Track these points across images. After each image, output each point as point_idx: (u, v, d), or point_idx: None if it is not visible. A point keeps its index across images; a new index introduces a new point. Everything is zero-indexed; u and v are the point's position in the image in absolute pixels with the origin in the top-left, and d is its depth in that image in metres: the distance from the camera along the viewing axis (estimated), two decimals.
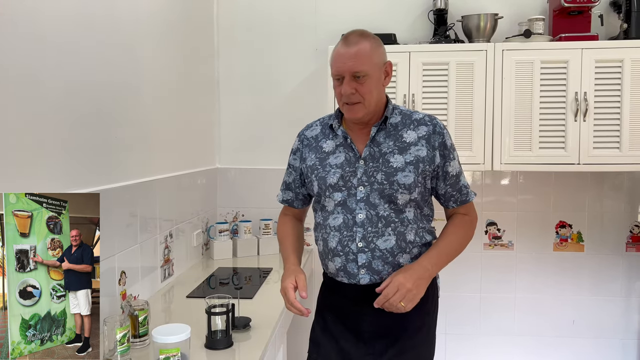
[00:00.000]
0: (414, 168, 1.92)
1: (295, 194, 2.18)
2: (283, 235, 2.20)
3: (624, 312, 3.58)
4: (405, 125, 1.98)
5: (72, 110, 1.95)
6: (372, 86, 1.89)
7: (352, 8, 3.58)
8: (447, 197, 2.03)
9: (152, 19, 2.66)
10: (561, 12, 3.18)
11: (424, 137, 1.95)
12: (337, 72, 1.89)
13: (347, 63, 1.85)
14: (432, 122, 1.99)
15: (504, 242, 3.61)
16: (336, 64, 1.89)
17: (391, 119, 1.99)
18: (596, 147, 3.06)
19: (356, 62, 1.85)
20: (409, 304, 1.83)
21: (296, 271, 2.00)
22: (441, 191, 2.02)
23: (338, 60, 1.88)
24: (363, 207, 1.93)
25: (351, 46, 1.86)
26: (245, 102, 3.70)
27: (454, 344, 3.66)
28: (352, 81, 1.87)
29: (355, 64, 1.85)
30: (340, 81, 1.90)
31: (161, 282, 2.73)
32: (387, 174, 1.91)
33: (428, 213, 2.04)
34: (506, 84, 3.09)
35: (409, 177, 1.90)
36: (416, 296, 1.85)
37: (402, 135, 1.96)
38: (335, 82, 1.92)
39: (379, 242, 1.92)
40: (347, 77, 1.87)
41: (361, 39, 1.88)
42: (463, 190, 2.03)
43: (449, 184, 1.99)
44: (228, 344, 2.01)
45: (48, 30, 1.81)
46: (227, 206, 3.73)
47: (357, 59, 1.85)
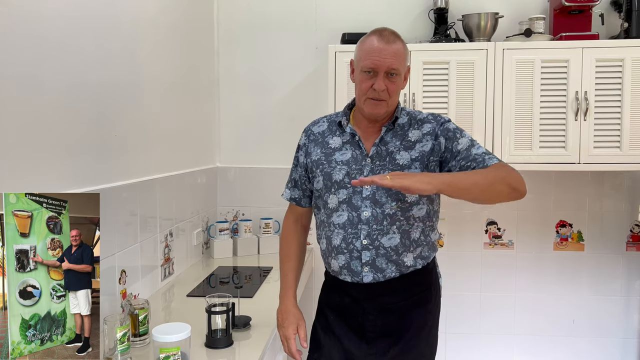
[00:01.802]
0: (419, 164, 1.91)
1: (302, 191, 2.15)
2: (287, 255, 2.18)
3: (624, 311, 3.58)
4: (410, 126, 1.98)
5: (72, 110, 1.95)
6: (399, 86, 1.91)
7: (353, 6, 3.58)
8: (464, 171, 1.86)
9: (152, 18, 2.66)
10: (562, 11, 3.18)
11: (428, 133, 1.95)
12: (375, 66, 1.85)
13: (387, 59, 1.84)
14: (435, 119, 1.99)
15: (504, 242, 3.61)
16: (373, 58, 1.85)
17: (400, 119, 1.99)
18: (596, 147, 3.06)
19: (394, 59, 1.85)
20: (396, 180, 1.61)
21: (297, 316, 2.07)
22: (456, 169, 1.87)
23: (376, 54, 1.85)
24: (369, 204, 1.92)
25: (390, 44, 1.85)
26: (246, 101, 3.70)
27: (454, 343, 3.67)
28: (385, 78, 1.86)
29: (394, 62, 1.85)
30: (371, 75, 1.87)
31: (161, 281, 2.73)
32: (393, 171, 1.89)
33: (437, 209, 2.03)
34: (507, 83, 3.09)
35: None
36: (405, 178, 1.63)
37: (407, 134, 1.97)
38: (363, 74, 1.89)
39: (384, 239, 1.92)
40: (382, 73, 1.85)
41: (397, 38, 1.88)
42: (478, 158, 1.84)
43: (461, 158, 1.87)
44: (228, 343, 2.01)
45: (48, 29, 1.81)
46: (227, 205, 3.73)
47: (395, 57, 1.85)
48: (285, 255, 2.18)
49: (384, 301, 1.98)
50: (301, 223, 2.22)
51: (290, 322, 2.05)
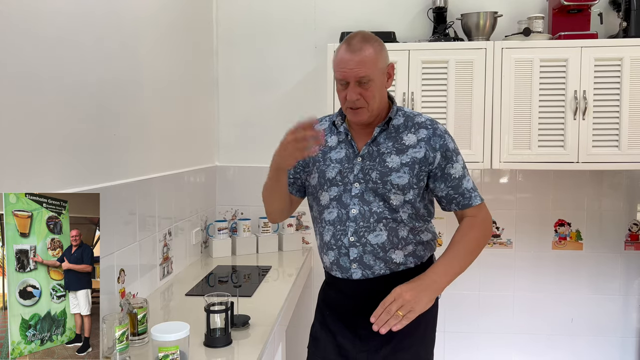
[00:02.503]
0: (409, 169, 1.92)
1: (294, 179, 2.15)
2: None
3: (623, 310, 3.59)
4: (406, 128, 1.98)
5: (71, 109, 1.95)
6: (375, 91, 1.89)
7: (351, 6, 3.58)
8: (448, 200, 1.98)
9: (151, 18, 2.66)
10: (560, 10, 3.18)
11: (423, 139, 1.95)
12: (342, 77, 1.87)
13: (353, 69, 1.84)
14: (432, 125, 1.99)
15: (502, 241, 3.61)
16: (341, 70, 1.87)
17: (394, 120, 1.99)
18: (595, 146, 3.07)
19: (361, 68, 1.84)
20: (408, 314, 1.77)
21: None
22: (442, 193, 1.97)
23: (342, 66, 1.87)
24: (357, 202, 1.94)
25: (356, 52, 1.85)
26: (245, 100, 3.70)
27: (452, 342, 3.67)
28: (356, 87, 1.86)
29: (360, 70, 1.84)
30: (345, 86, 1.89)
31: (160, 280, 2.73)
32: (381, 173, 1.92)
33: (424, 214, 2.01)
34: (505, 82, 3.09)
35: (403, 178, 1.91)
36: (415, 306, 1.78)
37: (402, 137, 1.97)
38: (339, 85, 1.92)
39: (370, 237, 1.94)
40: (352, 83, 1.86)
41: (365, 44, 1.86)
42: (466, 194, 1.96)
43: (450, 186, 1.95)
44: (227, 342, 2.01)
45: (47, 28, 1.81)
46: (226, 204, 3.73)
47: (361, 66, 1.84)
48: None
49: (375, 298, 1.97)
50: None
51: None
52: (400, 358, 1.99)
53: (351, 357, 2.02)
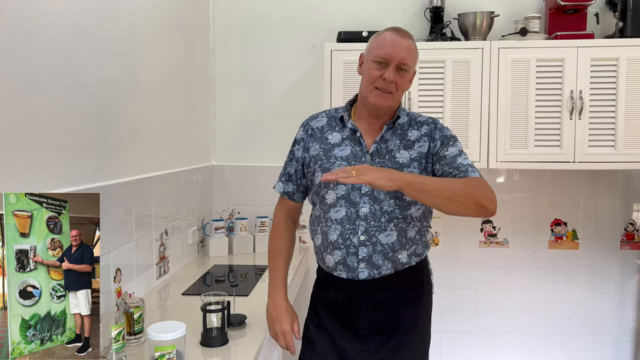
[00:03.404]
0: (418, 164, 1.94)
1: (296, 186, 2.13)
2: (279, 250, 2.18)
3: (618, 309, 3.61)
4: (410, 126, 2.01)
5: (68, 108, 1.94)
6: (406, 82, 1.94)
7: (349, 5, 3.58)
8: (444, 177, 1.89)
9: (147, 16, 2.65)
10: (557, 10, 3.19)
11: (426, 134, 1.98)
12: (388, 56, 1.89)
13: (402, 52, 1.89)
14: (433, 122, 2.03)
15: (499, 240, 3.62)
16: (387, 49, 1.89)
17: (400, 119, 2.01)
18: (591, 145, 3.08)
19: (408, 54, 1.90)
20: (358, 176, 1.63)
21: (291, 312, 2.12)
22: (438, 173, 1.92)
23: (391, 46, 1.89)
24: (367, 201, 1.93)
25: (405, 39, 1.91)
26: (241, 100, 3.70)
27: (449, 341, 3.68)
28: (395, 70, 1.89)
29: (407, 56, 1.90)
30: (383, 66, 1.90)
31: (156, 279, 2.73)
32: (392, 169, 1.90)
33: (431, 209, 2.04)
34: (502, 82, 3.10)
35: (414, 173, 1.91)
36: (368, 172, 1.65)
37: (407, 134, 1.99)
38: (374, 64, 1.92)
39: (381, 236, 1.93)
40: (394, 65, 1.89)
41: (411, 38, 1.95)
42: (462, 168, 1.86)
43: (444, 163, 1.90)
44: (223, 342, 2.02)
45: (45, 27, 1.80)
46: (222, 203, 3.73)
47: (409, 53, 1.91)
48: (277, 249, 2.18)
49: (378, 298, 1.99)
50: (292, 218, 2.22)
51: (286, 317, 2.08)
52: (400, 355, 1.99)
53: (351, 357, 2.01)
